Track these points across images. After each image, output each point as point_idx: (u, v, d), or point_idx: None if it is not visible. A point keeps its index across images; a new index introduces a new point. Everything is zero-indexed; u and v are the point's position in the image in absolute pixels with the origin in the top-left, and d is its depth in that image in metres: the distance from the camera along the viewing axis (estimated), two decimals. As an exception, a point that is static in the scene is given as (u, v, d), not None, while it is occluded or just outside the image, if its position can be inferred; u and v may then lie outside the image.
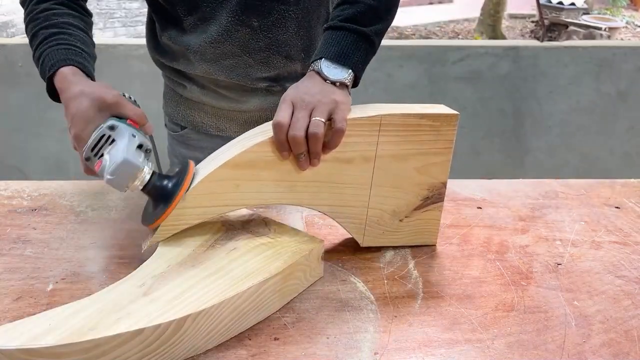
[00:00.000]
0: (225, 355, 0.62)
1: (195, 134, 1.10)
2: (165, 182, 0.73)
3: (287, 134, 0.72)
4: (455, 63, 2.56)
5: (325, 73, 0.78)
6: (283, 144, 0.72)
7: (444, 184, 0.81)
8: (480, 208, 0.96)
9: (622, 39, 7.02)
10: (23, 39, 2.83)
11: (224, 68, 0.98)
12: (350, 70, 0.79)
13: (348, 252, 0.83)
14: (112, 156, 0.70)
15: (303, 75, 0.90)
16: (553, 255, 0.83)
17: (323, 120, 0.72)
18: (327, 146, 0.74)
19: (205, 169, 0.73)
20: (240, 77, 0.98)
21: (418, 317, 0.69)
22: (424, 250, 0.84)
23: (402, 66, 2.55)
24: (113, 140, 0.72)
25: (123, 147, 0.70)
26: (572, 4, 6.73)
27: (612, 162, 2.78)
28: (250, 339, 0.65)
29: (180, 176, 0.73)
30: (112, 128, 0.72)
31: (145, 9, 1.05)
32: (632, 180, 1.08)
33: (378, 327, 0.67)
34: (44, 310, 0.62)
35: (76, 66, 0.80)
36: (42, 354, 0.54)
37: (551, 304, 0.72)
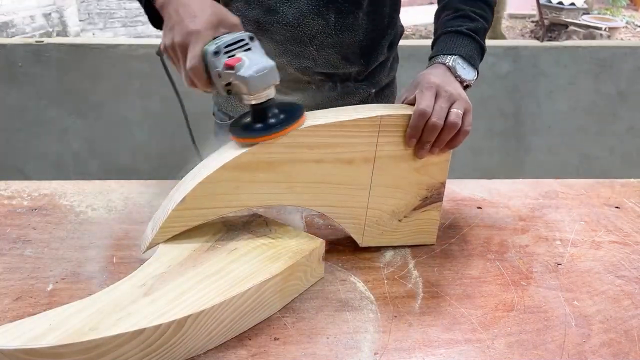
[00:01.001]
0: (225, 355, 0.62)
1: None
2: (277, 110, 0.73)
3: (426, 121, 0.75)
4: (455, 63, 2.55)
5: (459, 71, 0.84)
6: (419, 130, 0.76)
7: (443, 184, 0.81)
8: (480, 208, 0.96)
9: (622, 39, 7.01)
10: (23, 39, 2.83)
11: (288, 53, 0.97)
12: (476, 73, 0.87)
13: (348, 252, 0.83)
14: (253, 59, 0.70)
15: (356, 78, 0.98)
16: (553, 255, 0.83)
17: (462, 112, 0.78)
18: (449, 144, 0.79)
19: (205, 170, 0.73)
20: (301, 68, 0.99)
21: (418, 317, 0.69)
22: (424, 250, 0.84)
23: (402, 66, 2.54)
24: (249, 49, 0.72)
25: (266, 56, 0.71)
26: (572, 4, 6.73)
27: (612, 162, 2.78)
28: (250, 339, 0.65)
29: (291, 114, 0.73)
30: (252, 39, 0.72)
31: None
32: (632, 180, 1.08)
33: (378, 327, 0.67)
34: (44, 310, 0.62)
35: None
36: (43, 354, 0.54)
37: (551, 303, 0.72)
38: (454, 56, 0.84)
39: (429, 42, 0.97)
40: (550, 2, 6.74)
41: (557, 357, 0.63)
